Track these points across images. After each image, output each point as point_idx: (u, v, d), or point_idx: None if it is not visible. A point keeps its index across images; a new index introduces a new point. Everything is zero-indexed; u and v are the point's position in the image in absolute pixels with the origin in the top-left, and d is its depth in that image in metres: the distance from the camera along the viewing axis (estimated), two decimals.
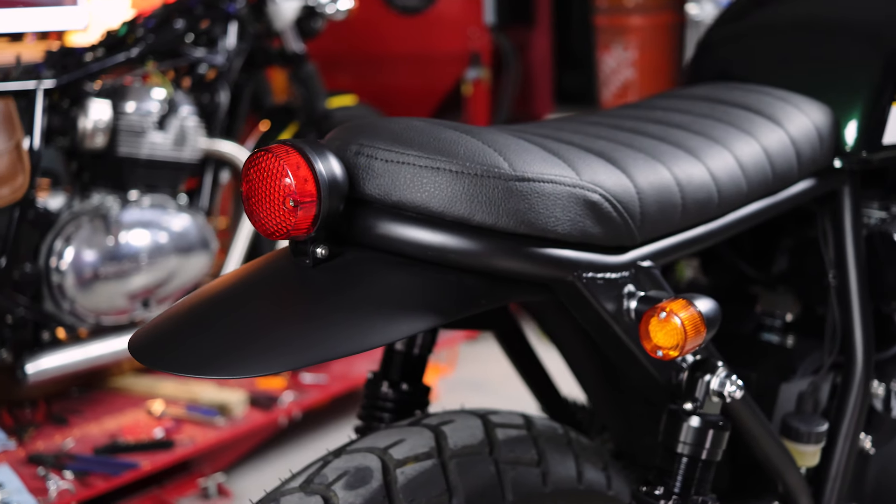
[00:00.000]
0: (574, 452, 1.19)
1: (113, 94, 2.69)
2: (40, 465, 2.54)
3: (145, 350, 0.89)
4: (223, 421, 2.86)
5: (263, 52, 3.10)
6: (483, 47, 3.96)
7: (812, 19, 1.59)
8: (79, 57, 2.64)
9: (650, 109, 1.35)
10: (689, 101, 1.38)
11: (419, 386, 1.34)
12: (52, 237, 2.57)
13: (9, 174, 2.43)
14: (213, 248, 2.86)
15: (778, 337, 1.62)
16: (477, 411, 1.17)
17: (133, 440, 2.71)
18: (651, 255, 1.10)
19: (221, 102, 2.91)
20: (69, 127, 2.62)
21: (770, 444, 1.28)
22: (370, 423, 1.32)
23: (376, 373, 1.33)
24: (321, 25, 3.20)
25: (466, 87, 3.98)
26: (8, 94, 2.47)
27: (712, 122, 1.29)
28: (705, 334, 0.99)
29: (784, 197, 1.35)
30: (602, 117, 1.31)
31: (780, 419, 1.45)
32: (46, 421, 2.81)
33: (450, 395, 3.47)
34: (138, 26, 2.79)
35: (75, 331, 2.67)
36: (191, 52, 2.87)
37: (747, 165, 1.24)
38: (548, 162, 0.99)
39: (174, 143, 2.80)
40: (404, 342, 1.32)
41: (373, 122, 0.99)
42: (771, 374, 1.52)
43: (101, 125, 2.63)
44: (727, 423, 1.11)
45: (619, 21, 3.67)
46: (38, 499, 2.39)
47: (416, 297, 0.93)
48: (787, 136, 1.34)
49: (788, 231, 1.62)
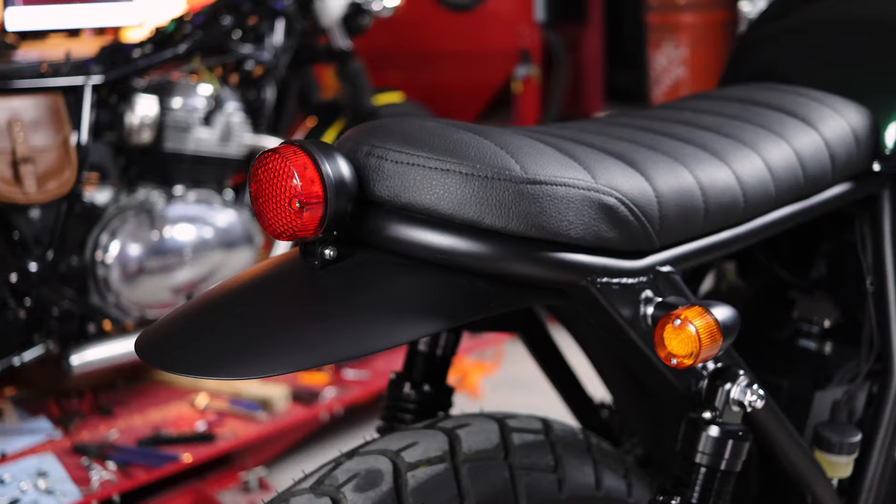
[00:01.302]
0: (593, 458, 1.17)
1: (160, 90, 2.72)
2: (84, 455, 2.58)
3: (150, 349, 0.89)
4: (265, 415, 2.88)
5: (310, 49, 3.11)
6: (533, 44, 3.93)
7: (853, 19, 1.55)
8: (127, 53, 2.68)
9: (680, 111, 1.32)
10: (720, 103, 1.35)
11: (442, 387, 1.33)
12: (98, 231, 2.60)
13: (56, 168, 2.47)
14: (257, 244, 2.88)
15: (815, 344, 1.58)
16: (494, 415, 1.15)
17: (176, 433, 2.74)
18: (671, 260, 1.08)
19: (267, 99, 2.92)
20: (117, 122, 2.66)
21: (798, 455, 1.25)
22: (392, 424, 1.32)
23: (399, 373, 1.32)
24: (368, 22, 3.20)
25: (516, 85, 3.96)
26: (56, 90, 2.51)
27: (742, 124, 1.26)
28: (721, 342, 0.97)
29: (817, 201, 1.31)
30: (630, 118, 1.28)
31: (813, 428, 1.42)
32: (92, 412, 2.85)
33: (494, 394, 3.46)
34: (186, 23, 2.82)
35: (121, 323, 2.71)
36: (238, 48, 2.89)
37: (777, 169, 1.21)
38: (562, 164, 0.98)
39: (220, 138, 2.82)
40: (427, 343, 1.31)
41: (386, 123, 0.98)
42: (805, 381, 1.49)
43: (147, 121, 2.67)
44: (747, 433, 1.08)
45: (671, 18, 3.62)
46: (80, 488, 2.43)
47: (424, 300, 0.92)
48: (820, 138, 1.30)
49: (827, 235, 1.58)
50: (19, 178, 2.40)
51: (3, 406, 2.84)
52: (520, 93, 3.95)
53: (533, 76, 3.93)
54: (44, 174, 2.45)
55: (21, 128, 2.42)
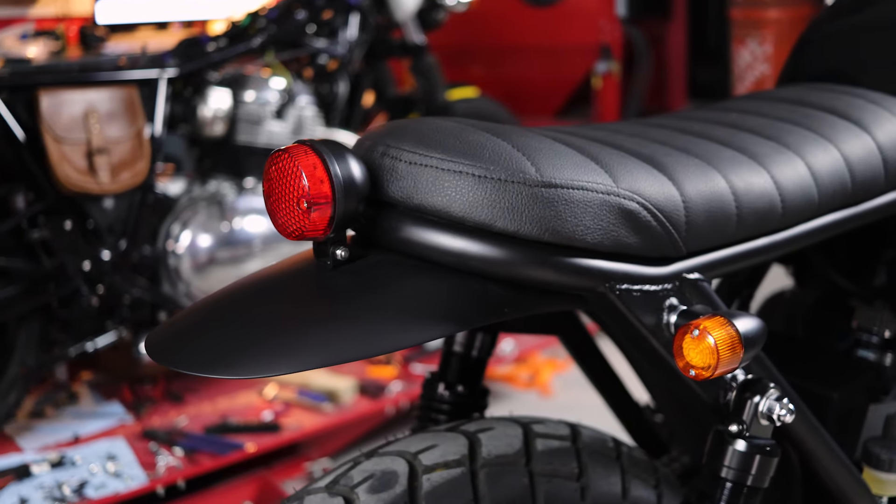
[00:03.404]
0: (622, 467, 1.14)
1: (233, 83, 2.76)
2: (153, 440, 2.64)
3: (158, 346, 0.90)
4: (331, 407, 2.90)
5: (384, 44, 3.12)
6: (614, 40, 3.88)
7: None
8: (202, 47, 2.72)
9: (726, 112, 1.28)
10: (770, 104, 1.30)
11: (477, 388, 1.32)
12: (170, 221, 2.66)
13: (129, 160, 2.53)
14: None
15: (874, 354, 1.52)
16: (521, 419, 1.13)
17: (242, 421, 2.78)
18: (700, 268, 1.04)
19: (340, 93, 2.94)
20: (191, 115, 2.71)
21: (839, 471, 1.20)
22: (425, 424, 1.31)
23: (434, 373, 1.31)
24: (442, 17, 3.20)
25: (596, 81, 3.91)
26: (132, 83, 2.57)
27: (789, 127, 1.22)
28: (742, 355, 0.94)
29: (868, 208, 1.25)
30: (673, 119, 1.25)
31: (863, 443, 1.36)
32: (164, 398, 2.92)
33: (565, 393, 3.43)
34: (261, 17, 2.86)
35: None
36: (312, 42, 2.91)
37: (821, 174, 1.17)
38: (582, 167, 0.95)
39: (292, 131, 2.85)
40: (462, 344, 1.30)
41: (404, 123, 0.97)
42: (859, 394, 1.43)
43: (220, 114, 2.71)
44: (776, 448, 1.04)
45: (756, 14, 3.53)
46: (147, 473, 2.49)
47: (434, 302, 0.91)
48: (873, 142, 1.25)
49: (888, 241, 1.52)
50: (94, 168, 2.46)
51: (80, 390, 2.93)
52: (599, 89, 3.90)
53: (613, 72, 3.87)
54: (118, 165, 2.50)
55: (97, 119, 2.48)
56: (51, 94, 2.44)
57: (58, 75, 2.48)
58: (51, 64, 2.56)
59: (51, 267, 2.50)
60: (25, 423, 2.72)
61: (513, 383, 3.44)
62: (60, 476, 2.44)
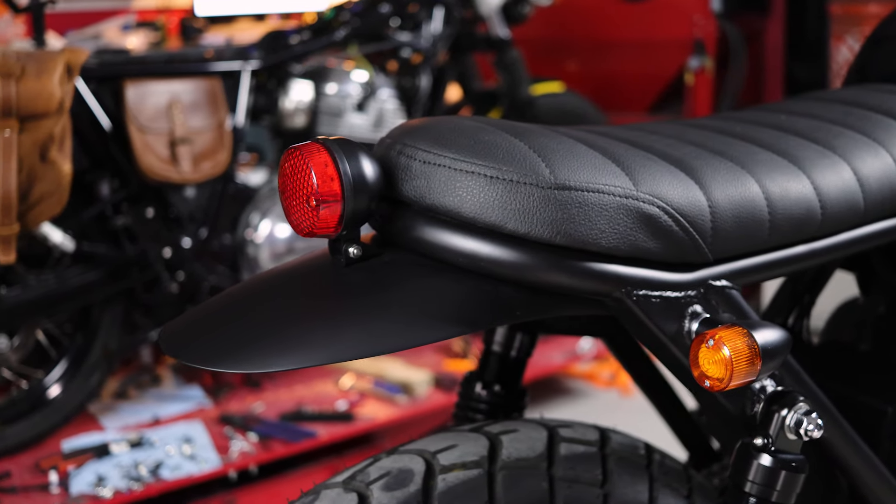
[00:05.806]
0: (651, 475, 1.12)
1: (315, 75, 2.79)
2: (229, 424, 2.70)
3: (171, 340, 0.92)
4: (405, 399, 2.92)
5: (469, 37, 3.12)
6: (708, 35, 3.79)
7: None
8: (286, 40, 2.76)
9: (776, 112, 1.24)
10: (824, 105, 1.25)
11: (515, 388, 1.31)
12: (250, 211, 2.71)
13: (211, 150, 2.58)
14: None
15: None
16: (548, 422, 1.12)
17: (317, 410, 2.82)
18: (727, 275, 1.01)
19: (423, 86, 2.95)
20: (273, 106, 2.75)
21: (882, 489, 1.15)
22: (462, 423, 1.30)
23: (472, 372, 1.31)
24: (528, 11, 3.18)
25: (689, 77, 3.83)
26: (216, 74, 2.62)
27: (839, 130, 1.17)
28: (760, 367, 0.90)
29: None
30: (717, 120, 1.21)
31: None
32: (242, 384, 2.98)
33: (635, 388, 3.37)
34: (345, 10, 2.88)
35: None
36: (395, 36, 2.92)
37: (869, 180, 1.12)
38: (600, 170, 0.93)
39: (373, 125, 2.87)
40: (501, 343, 1.29)
41: (423, 122, 0.96)
42: None
43: (302, 106, 2.75)
44: (804, 464, 1.00)
45: (856, 9, 3.41)
46: (220, 456, 2.54)
47: (444, 303, 0.91)
48: None
49: None
50: (176, 158, 2.52)
51: (163, 373, 3.01)
52: (692, 85, 3.82)
53: (706, 68, 3.79)
54: (199, 155, 2.56)
55: (180, 110, 2.54)
56: (136, 84, 2.51)
57: (143, 66, 2.55)
58: (137, 55, 2.63)
59: (133, 253, 2.57)
60: (109, 403, 2.80)
61: (593, 381, 3.40)
62: (138, 456, 2.51)
